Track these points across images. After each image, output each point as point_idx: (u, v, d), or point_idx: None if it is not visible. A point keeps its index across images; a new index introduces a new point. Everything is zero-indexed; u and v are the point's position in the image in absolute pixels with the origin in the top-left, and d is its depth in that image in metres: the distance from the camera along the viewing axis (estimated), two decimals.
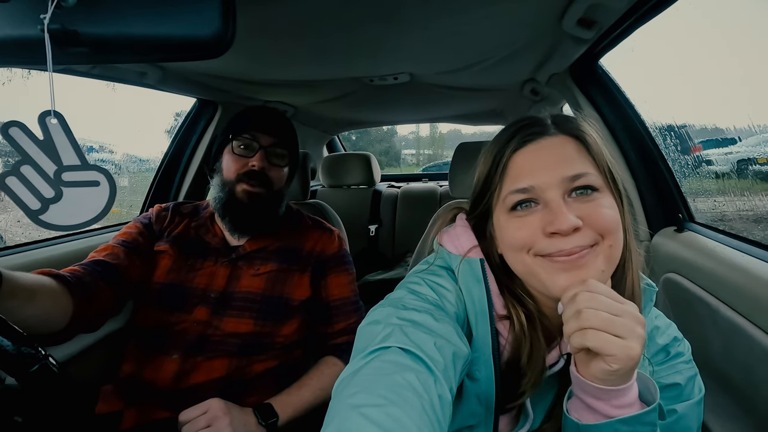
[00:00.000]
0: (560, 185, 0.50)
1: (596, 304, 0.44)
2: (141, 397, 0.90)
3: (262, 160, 1.01)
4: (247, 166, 1.00)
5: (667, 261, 1.02)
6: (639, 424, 0.46)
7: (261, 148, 1.01)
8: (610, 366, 0.43)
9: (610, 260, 0.50)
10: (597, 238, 0.49)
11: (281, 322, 0.99)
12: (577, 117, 0.56)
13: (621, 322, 0.43)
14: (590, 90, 1.24)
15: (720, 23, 2.64)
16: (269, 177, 1.02)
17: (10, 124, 0.45)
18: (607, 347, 0.43)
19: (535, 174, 0.51)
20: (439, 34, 1.07)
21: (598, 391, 0.46)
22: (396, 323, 0.49)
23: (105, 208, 0.49)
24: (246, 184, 0.99)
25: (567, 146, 0.52)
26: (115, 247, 0.96)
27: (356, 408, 0.38)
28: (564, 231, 0.48)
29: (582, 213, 0.49)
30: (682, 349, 0.59)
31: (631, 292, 0.53)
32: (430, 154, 20.65)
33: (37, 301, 0.72)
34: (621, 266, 0.53)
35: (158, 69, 1.19)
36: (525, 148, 0.54)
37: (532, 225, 0.51)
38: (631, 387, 0.46)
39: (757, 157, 1.36)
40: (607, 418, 0.47)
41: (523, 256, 0.52)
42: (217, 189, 1.03)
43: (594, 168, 0.51)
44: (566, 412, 0.50)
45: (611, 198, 0.51)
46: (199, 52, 0.49)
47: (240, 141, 1.02)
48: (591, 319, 0.44)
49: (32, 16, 0.44)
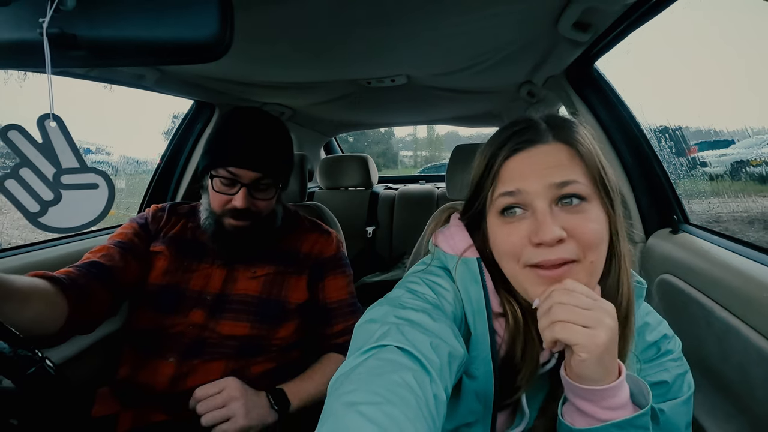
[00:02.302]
0: (547, 192, 0.50)
1: (567, 299, 0.46)
2: (137, 400, 0.90)
3: (245, 199, 0.92)
4: (230, 204, 0.93)
5: (662, 262, 1.03)
6: (632, 427, 0.46)
7: (243, 185, 0.92)
8: (579, 356, 0.45)
9: (593, 274, 0.51)
10: (579, 254, 0.49)
11: (278, 325, 0.99)
12: (573, 122, 0.56)
13: (588, 314, 0.45)
14: (586, 92, 1.25)
15: (716, 26, 2.68)
16: (256, 209, 0.96)
17: (9, 127, 0.45)
18: (573, 337, 0.45)
19: (524, 179, 0.52)
20: (435, 37, 1.08)
21: (584, 391, 0.47)
22: (393, 322, 0.49)
23: (104, 211, 0.49)
24: (232, 219, 0.94)
25: (559, 154, 0.52)
26: (111, 248, 0.95)
27: (352, 406, 0.38)
28: (548, 242, 0.48)
29: (568, 225, 0.49)
30: (672, 346, 0.59)
31: (626, 299, 0.53)
32: (428, 156, 20.71)
33: (31, 304, 0.71)
34: (615, 274, 0.54)
35: (156, 71, 1.19)
36: (517, 156, 0.54)
37: (520, 233, 0.51)
38: (618, 388, 0.47)
39: (750, 159, 1.37)
40: (600, 422, 0.47)
41: (513, 264, 0.53)
42: (206, 213, 0.98)
43: (584, 176, 0.51)
44: (561, 417, 0.51)
45: (599, 208, 0.51)
46: (197, 55, 0.50)
47: (220, 178, 0.93)
48: (560, 313, 0.46)
49: (31, 20, 0.44)
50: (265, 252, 1.03)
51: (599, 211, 0.51)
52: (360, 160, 2.46)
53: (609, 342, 0.45)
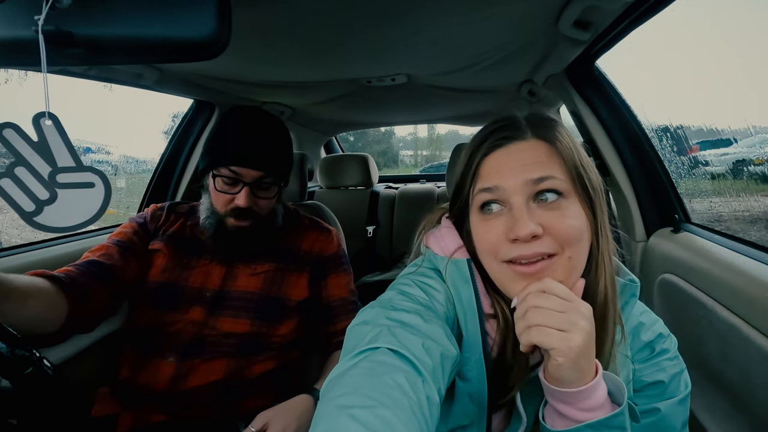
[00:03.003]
0: (524, 189, 0.50)
1: (541, 302, 0.46)
2: (137, 401, 0.90)
3: (248, 198, 0.92)
4: (233, 203, 0.93)
5: (664, 262, 1.03)
6: (606, 428, 0.46)
7: (245, 185, 0.92)
8: (556, 359, 0.45)
9: (572, 271, 0.50)
10: (557, 248, 0.49)
11: (278, 322, 0.99)
12: (553, 119, 0.56)
13: (563, 317, 0.45)
14: (587, 91, 1.24)
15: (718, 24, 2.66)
16: (258, 208, 0.96)
17: (4, 125, 0.45)
18: (547, 341, 0.45)
19: (501, 176, 0.52)
20: (436, 36, 1.07)
21: (561, 394, 0.47)
22: (385, 324, 0.49)
23: (100, 210, 0.49)
24: (234, 219, 0.95)
25: (537, 150, 0.53)
26: (110, 246, 0.95)
27: (345, 409, 0.38)
28: (522, 238, 0.48)
29: (544, 221, 0.49)
30: (668, 345, 0.59)
31: (603, 297, 0.53)
32: (428, 155, 20.68)
33: (31, 303, 0.72)
34: (593, 273, 0.53)
35: (155, 70, 1.19)
36: (496, 152, 0.54)
37: (497, 229, 0.52)
38: (594, 389, 0.47)
39: (753, 158, 1.37)
40: (576, 423, 0.47)
41: (491, 262, 0.53)
42: (206, 213, 0.98)
43: (562, 173, 0.51)
44: (542, 420, 0.51)
45: (578, 205, 0.51)
46: (194, 53, 0.49)
47: (222, 177, 0.93)
48: (535, 317, 0.46)
49: (26, 18, 0.44)
50: (264, 249, 1.03)
51: (578, 208, 0.51)
52: (360, 159, 2.46)
53: (584, 345, 0.45)
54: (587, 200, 0.52)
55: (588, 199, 0.52)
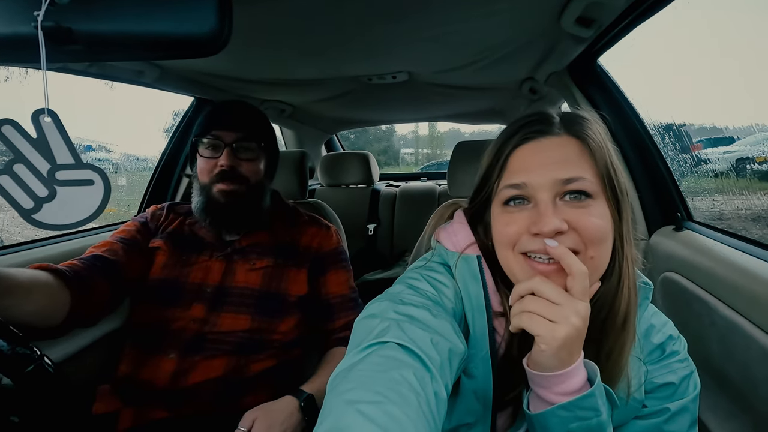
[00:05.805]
0: (552, 187, 0.50)
1: (542, 289, 0.47)
2: (138, 397, 0.90)
3: (229, 157, 0.98)
4: (217, 167, 0.98)
5: (666, 260, 1.02)
6: (578, 409, 0.47)
7: (226, 146, 0.98)
8: (539, 346, 0.46)
9: (593, 272, 0.50)
10: (580, 245, 0.49)
11: (279, 319, 0.99)
12: (587, 118, 0.55)
13: (556, 308, 0.46)
14: (589, 88, 1.24)
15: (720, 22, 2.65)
16: (242, 173, 1.00)
17: (3, 122, 0.45)
18: (535, 327, 0.46)
19: (530, 172, 0.51)
20: (437, 33, 1.07)
21: (539, 378, 0.48)
22: (393, 318, 0.49)
23: (99, 208, 0.49)
24: (220, 184, 0.98)
25: (568, 147, 0.52)
26: (114, 243, 0.97)
27: (353, 404, 0.38)
28: (546, 233, 0.48)
29: (570, 218, 0.49)
30: (678, 347, 0.59)
31: (626, 302, 0.52)
32: (429, 153, 20.66)
33: (34, 297, 0.72)
34: (616, 277, 0.53)
35: (155, 67, 1.19)
36: (526, 146, 0.54)
37: (520, 222, 0.51)
38: (571, 374, 0.47)
39: (755, 156, 1.36)
40: (551, 405, 0.48)
41: (508, 252, 0.53)
42: (197, 193, 1.02)
43: (592, 173, 0.51)
44: (525, 407, 0.52)
45: (605, 206, 0.51)
46: (194, 50, 0.49)
47: (205, 143, 1.00)
48: (529, 304, 0.47)
49: (26, 14, 0.43)
50: (263, 244, 1.04)
51: (604, 209, 0.51)
52: (361, 157, 2.46)
53: (569, 338, 0.45)
54: (615, 202, 0.51)
55: (615, 201, 0.51)
